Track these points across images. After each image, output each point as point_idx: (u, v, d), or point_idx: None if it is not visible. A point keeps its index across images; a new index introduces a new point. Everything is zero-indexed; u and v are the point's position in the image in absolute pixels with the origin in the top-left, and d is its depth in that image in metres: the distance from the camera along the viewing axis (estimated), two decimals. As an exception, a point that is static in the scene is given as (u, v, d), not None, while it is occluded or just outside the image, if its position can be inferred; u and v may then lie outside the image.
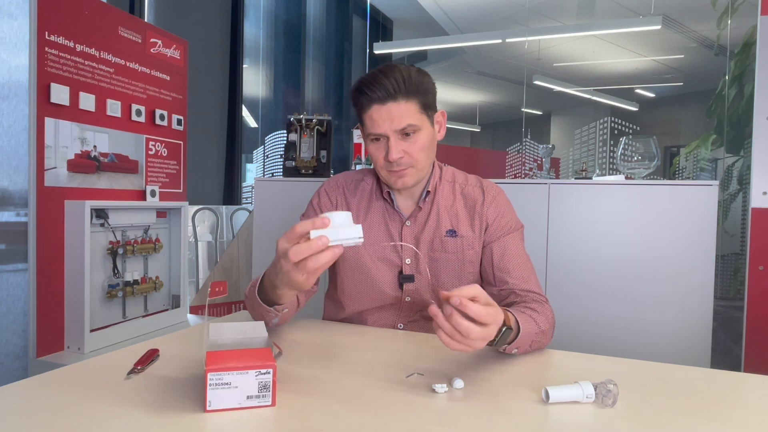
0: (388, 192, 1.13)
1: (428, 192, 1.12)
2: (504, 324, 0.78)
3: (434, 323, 0.72)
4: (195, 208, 3.51)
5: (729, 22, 3.54)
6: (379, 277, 1.11)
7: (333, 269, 1.19)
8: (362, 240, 0.75)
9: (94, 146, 2.09)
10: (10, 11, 2.07)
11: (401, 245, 1.12)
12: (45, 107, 1.88)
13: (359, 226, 0.75)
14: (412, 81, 0.99)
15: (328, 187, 1.20)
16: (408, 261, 1.12)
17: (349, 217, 0.76)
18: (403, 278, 1.10)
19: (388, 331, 1.08)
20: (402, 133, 1.01)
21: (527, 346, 0.89)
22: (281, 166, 2.44)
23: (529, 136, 2.74)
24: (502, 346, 0.82)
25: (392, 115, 0.99)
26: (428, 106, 1.04)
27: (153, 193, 2.35)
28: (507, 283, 1.05)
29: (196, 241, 3.48)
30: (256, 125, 5.14)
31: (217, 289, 0.78)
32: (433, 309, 0.71)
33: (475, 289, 0.73)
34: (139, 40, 2.30)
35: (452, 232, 1.11)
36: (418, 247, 1.11)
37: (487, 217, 1.11)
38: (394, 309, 1.14)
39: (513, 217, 1.14)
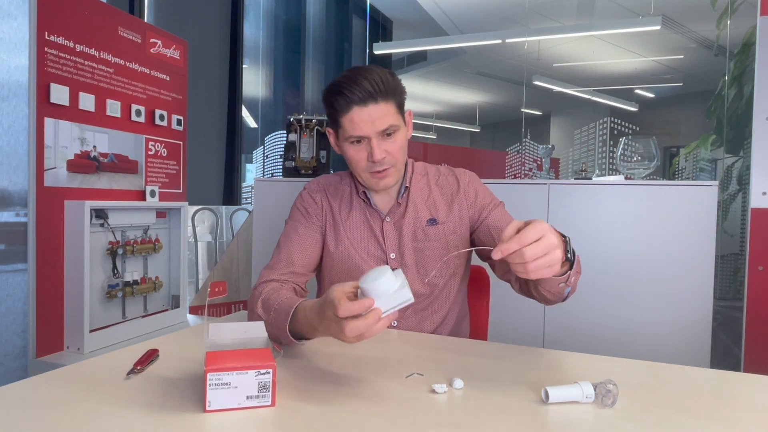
0: (364, 192, 1.15)
1: (406, 188, 1.15)
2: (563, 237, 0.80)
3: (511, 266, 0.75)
4: (195, 208, 3.51)
5: (729, 22, 3.54)
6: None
7: (322, 271, 1.20)
8: (413, 300, 0.69)
9: (94, 146, 2.09)
10: (10, 11, 2.07)
11: (445, 259, 1.13)
12: (45, 107, 1.88)
13: (406, 288, 0.69)
14: (389, 82, 1.02)
15: (310, 190, 1.22)
16: (393, 255, 1.14)
17: (392, 278, 0.69)
18: None
19: (387, 332, 1.08)
20: (384, 133, 1.03)
21: (576, 275, 0.90)
22: (281, 167, 2.44)
23: (528, 137, 2.74)
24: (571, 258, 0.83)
25: (373, 116, 1.01)
26: (402, 106, 1.08)
27: (153, 194, 2.35)
28: None
29: (196, 241, 3.48)
30: (255, 125, 5.14)
31: (216, 289, 0.78)
32: (496, 254, 0.73)
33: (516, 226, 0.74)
34: (139, 41, 2.30)
35: (433, 221, 1.14)
36: (401, 240, 1.14)
37: (467, 199, 1.15)
38: None
39: (491, 194, 1.18)
